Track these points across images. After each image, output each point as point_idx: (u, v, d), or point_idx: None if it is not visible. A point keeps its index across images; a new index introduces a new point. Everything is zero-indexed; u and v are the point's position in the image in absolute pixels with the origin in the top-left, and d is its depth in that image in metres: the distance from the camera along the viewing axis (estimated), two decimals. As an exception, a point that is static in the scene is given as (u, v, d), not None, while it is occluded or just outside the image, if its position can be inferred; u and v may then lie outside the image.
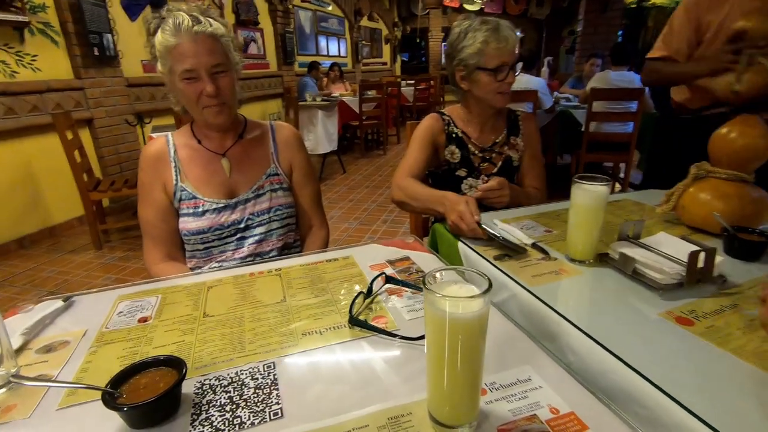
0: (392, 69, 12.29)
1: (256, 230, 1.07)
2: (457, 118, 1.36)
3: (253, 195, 1.08)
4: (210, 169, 1.07)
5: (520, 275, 0.79)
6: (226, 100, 1.00)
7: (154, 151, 1.07)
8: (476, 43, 1.18)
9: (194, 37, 0.93)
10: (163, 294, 0.80)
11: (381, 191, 4.28)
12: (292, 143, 1.16)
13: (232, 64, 1.01)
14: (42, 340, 0.67)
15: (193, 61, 0.94)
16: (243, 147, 1.11)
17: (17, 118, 3.02)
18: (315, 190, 1.21)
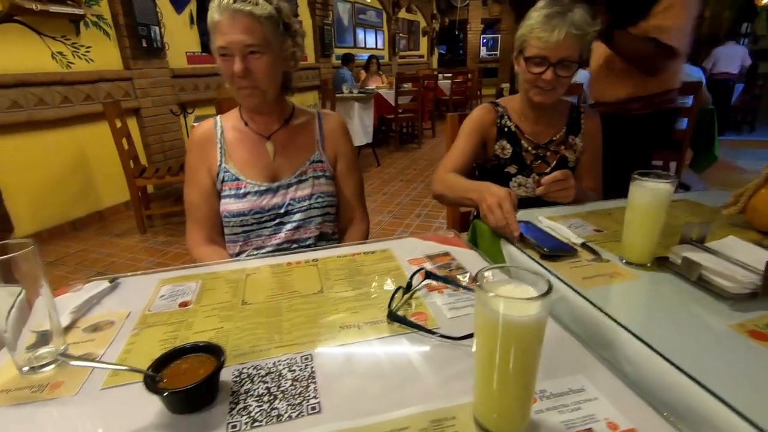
0: (429, 62, 12.13)
1: (295, 216, 1.06)
2: (512, 110, 1.28)
3: (295, 180, 1.07)
4: (255, 151, 1.07)
5: (570, 277, 0.74)
6: (258, 84, 0.97)
7: (202, 133, 1.08)
8: (526, 24, 1.11)
9: (233, 15, 0.91)
10: (204, 280, 0.80)
11: (415, 185, 4.23)
12: (338, 132, 1.15)
13: (273, 47, 0.97)
14: (89, 320, 0.69)
15: (227, 39, 0.92)
16: (289, 132, 1.10)
17: (72, 107, 3.19)
18: (358, 181, 1.19)
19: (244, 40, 0.92)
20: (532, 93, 1.16)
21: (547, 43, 1.07)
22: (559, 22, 1.06)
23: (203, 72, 4.42)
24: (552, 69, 1.09)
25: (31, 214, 3.02)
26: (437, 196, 1.23)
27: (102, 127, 3.21)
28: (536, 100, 1.17)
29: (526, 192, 1.26)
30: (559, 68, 1.09)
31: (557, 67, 1.09)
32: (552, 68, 1.09)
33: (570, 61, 1.09)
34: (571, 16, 1.06)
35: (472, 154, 1.26)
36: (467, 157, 1.25)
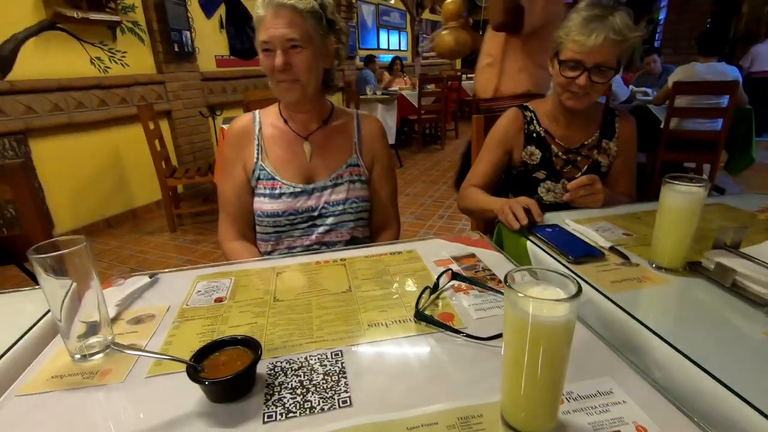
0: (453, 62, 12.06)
1: (328, 219, 1.06)
2: (542, 113, 1.26)
3: (331, 183, 1.07)
4: (291, 151, 1.07)
5: (597, 280, 0.74)
6: (299, 77, 0.97)
7: (239, 127, 1.09)
8: (566, 25, 1.08)
9: (276, 9, 0.93)
10: (237, 276, 0.83)
11: (438, 186, 4.23)
12: (376, 136, 1.14)
13: (315, 42, 0.96)
14: (132, 312, 0.73)
15: (269, 33, 0.93)
16: (326, 133, 1.10)
17: (108, 110, 3.33)
18: (393, 186, 1.18)
19: (285, 34, 0.92)
20: (565, 97, 1.14)
21: (582, 47, 1.04)
22: (597, 26, 1.02)
23: (231, 75, 4.55)
24: (586, 74, 1.06)
25: (70, 211, 3.17)
26: (464, 210, 1.26)
27: (136, 129, 3.35)
28: (568, 104, 1.14)
29: (554, 198, 1.25)
30: (594, 74, 1.06)
31: (592, 73, 1.06)
32: (586, 73, 1.06)
33: (606, 66, 1.06)
34: (612, 20, 1.02)
35: (498, 166, 1.26)
36: (493, 169, 1.26)
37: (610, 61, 1.06)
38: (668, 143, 3.13)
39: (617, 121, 1.25)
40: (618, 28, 1.02)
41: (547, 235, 0.92)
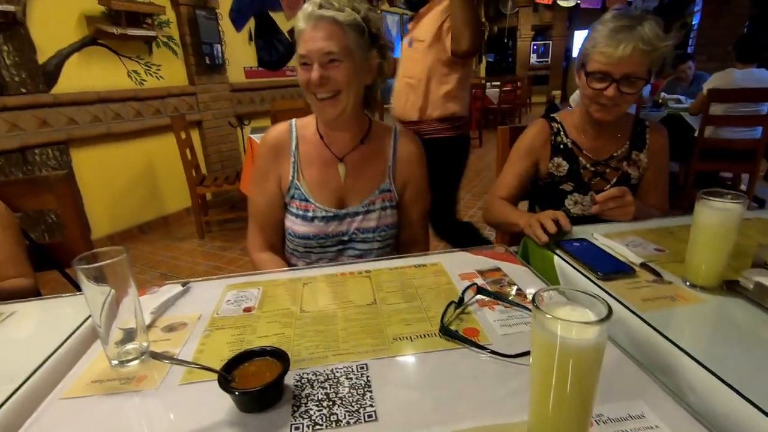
0: (476, 70, 12.02)
1: (357, 245, 1.06)
2: (569, 124, 1.24)
3: (363, 209, 1.05)
4: (326, 172, 1.06)
5: (627, 298, 0.72)
6: (336, 92, 0.94)
7: (275, 138, 1.07)
8: (592, 36, 1.06)
9: (315, 23, 0.90)
10: (264, 287, 0.86)
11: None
12: (413, 161, 1.10)
13: (355, 56, 0.93)
14: (165, 320, 0.76)
15: (307, 47, 0.91)
16: (362, 154, 1.07)
17: (143, 120, 3.48)
18: (425, 207, 1.15)
19: (323, 48, 0.90)
20: (593, 109, 1.12)
21: (610, 59, 1.02)
22: (625, 37, 1.00)
23: (259, 86, 4.67)
24: (615, 85, 1.04)
25: (106, 217, 3.31)
26: (489, 223, 1.24)
27: (168, 138, 3.48)
28: (597, 116, 1.12)
29: (582, 210, 1.23)
30: (623, 84, 1.04)
31: (621, 84, 1.04)
32: (615, 84, 1.04)
33: (636, 77, 1.03)
34: (640, 30, 1.00)
35: (524, 178, 1.25)
36: (519, 181, 1.24)
37: (639, 71, 1.03)
38: (703, 152, 3.02)
39: (648, 132, 1.22)
40: (647, 38, 1.00)
41: (575, 250, 0.90)
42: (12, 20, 2.61)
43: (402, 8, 7.78)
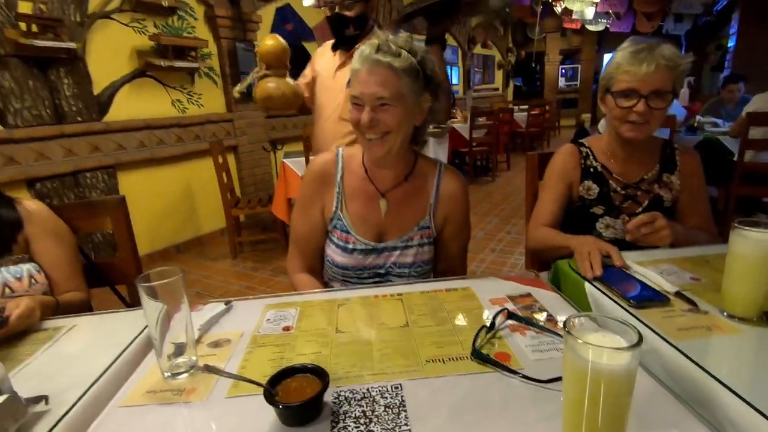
0: (504, 94, 12.08)
1: (393, 279, 1.08)
2: (598, 149, 1.26)
3: (401, 245, 1.07)
4: (368, 205, 1.08)
5: (662, 327, 0.72)
6: (385, 135, 0.95)
7: (322, 166, 1.10)
8: (613, 62, 1.11)
9: (371, 66, 0.92)
10: (302, 307, 0.90)
11: (489, 218, 4.18)
12: (455, 198, 1.10)
13: (407, 101, 0.95)
14: (210, 337, 0.81)
15: (361, 89, 0.93)
16: (405, 190, 1.08)
17: (184, 145, 3.68)
18: (464, 241, 1.16)
19: (376, 93, 0.91)
20: (624, 129, 1.13)
21: (636, 75, 1.05)
22: (647, 56, 1.05)
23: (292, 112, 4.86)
24: (644, 101, 1.06)
25: (147, 237, 3.48)
26: (534, 251, 1.24)
27: (206, 162, 3.66)
28: (628, 136, 1.13)
29: (614, 234, 1.22)
30: (652, 99, 1.06)
31: (649, 99, 1.06)
32: (644, 100, 1.06)
33: (663, 91, 1.06)
34: (659, 50, 1.05)
35: (562, 202, 1.25)
36: (558, 206, 1.24)
37: (666, 86, 1.06)
38: (743, 177, 2.92)
39: (678, 155, 1.23)
40: (668, 55, 1.04)
41: (607, 277, 0.90)
42: (73, 56, 2.86)
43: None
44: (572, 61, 12.34)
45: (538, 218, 1.25)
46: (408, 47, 0.95)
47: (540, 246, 1.22)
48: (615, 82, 1.10)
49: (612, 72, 1.11)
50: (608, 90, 1.13)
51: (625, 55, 1.08)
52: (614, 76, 1.10)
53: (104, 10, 3.06)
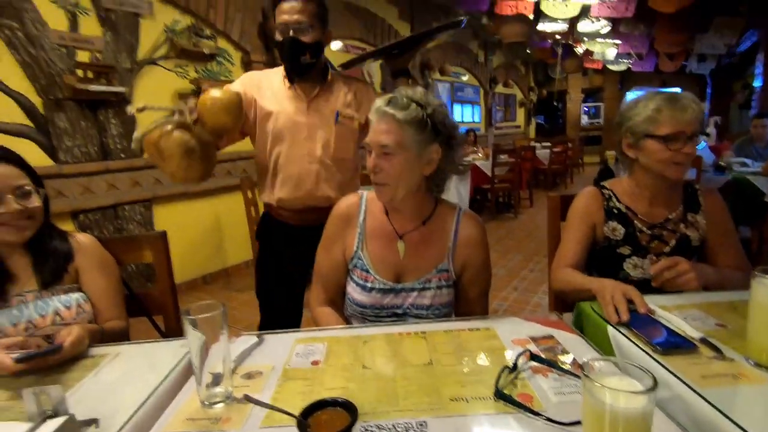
0: (526, 132, 12.19)
1: (410, 321, 1.10)
2: (621, 192, 1.28)
3: (419, 286, 1.10)
4: (387, 247, 1.12)
5: (686, 374, 0.72)
6: (387, 182, 1.02)
7: (345, 211, 1.16)
8: (647, 110, 1.15)
9: (380, 117, 1.01)
10: (329, 342, 0.93)
11: (511, 256, 4.15)
12: (474, 243, 1.12)
13: (410, 150, 1.00)
14: (244, 368, 0.85)
15: (369, 137, 1.02)
16: (422, 234, 1.11)
17: (215, 181, 3.86)
18: (484, 286, 1.17)
19: (380, 141, 1.00)
20: (671, 171, 1.16)
21: (681, 119, 1.12)
22: (682, 101, 1.13)
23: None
24: (689, 142, 1.13)
25: (177, 268, 3.56)
26: (557, 292, 1.25)
27: (235, 197, 3.82)
28: (675, 176, 1.17)
29: (642, 273, 1.23)
30: (691, 142, 1.14)
31: (690, 139, 1.13)
32: (690, 141, 1.13)
33: (698, 132, 1.15)
34: (689, 96, 1.14)
35: (585, 243, 1.25)
36: (581, 247, 1.25)
37: (699, 128, 1.15)
38: (776, 218, 2.84)
39: (700, 195, 1.25)
40: (695, 100, 1.14)
41: (631, 321, 0.91)
42: (121, 99, 3.10)
43: (452, 76, 8.23)
44: (594, 99, 12.43)
45: (561, 259, 1.26)
46: (420, 100, 1.01)
47: (563, 287, 1.22)
48: (659, 127, 1.14)
49: (654, 116, 1.14)
50: (648, 135, 1.15)
51: (659, 102, 1.14)
52: (657, 120, 1.14)
53: (152, 57, 3.34)
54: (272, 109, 1.45)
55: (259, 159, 1.56)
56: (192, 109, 1.14)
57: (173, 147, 1.10)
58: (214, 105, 1.16)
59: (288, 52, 1.37)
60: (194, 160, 1.12)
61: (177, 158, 1.10)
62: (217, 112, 1.16)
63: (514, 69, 11.03)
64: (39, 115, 2.73)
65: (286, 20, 1.34)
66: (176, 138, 1.09)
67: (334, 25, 5.02)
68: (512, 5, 5.23)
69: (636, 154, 1.21)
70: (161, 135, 1.09)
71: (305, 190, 1.47)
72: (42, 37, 2.67)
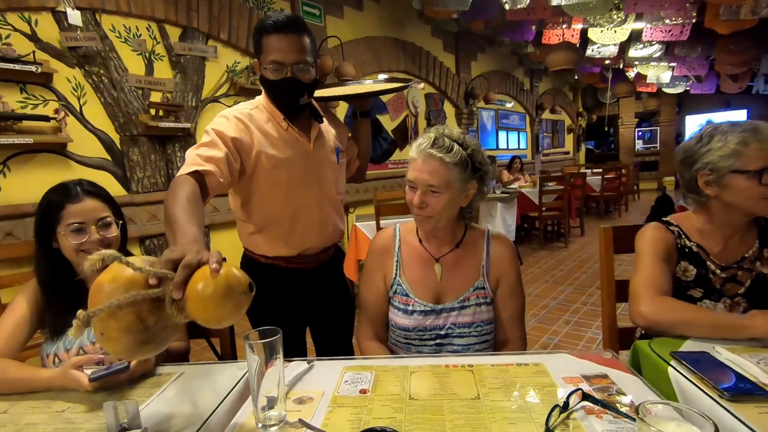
0: (575, 158, 11.83)
1: (454, 341, 1.14)
2: (690, 229, 1.20)
3: (458, 305, 1.15)
4: (425, 270, 1.19)
5: (759, 425, 0.67)
6: (432, 215, 1.10)
7: (382, 243, 1.25)
8: (729, 144, 1.07)
9: (425, 158, 1.07)
10: (376, 371, 0.95)
11: (562, 287, 3.98)
12: (505, 259, 1.19)
13: (454, 188, 1.08)
14: (295, 393, 0.89)
15: (415, 175, 1.09)
16: (456, 256, 1.20)
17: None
18: (519, 305, 1.20)
19: (427, 180, 1.06)
20: (762, 208, 1.07)
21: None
22: (766, 129, 1.06)
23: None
24: None
25: (229, 291, 3.77)
26: (651, 324, 1.04)
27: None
28: (766, 213, 1.10)
29: None
30: None
31: None
32: None
33: None
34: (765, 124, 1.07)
35: (670, 274, 1.14)
36: (669, 275, 1.13)
37: None
38: None
39: None
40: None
41: (693, 363, 0.86)
42: (186, 133, 3.39)
43: (497, 104, 8.24)
44: (649, 123, 11.90)
45: (652, 287, 1.08)
46: (460, 141, 1.09)
47: (672, 318, 1.02)
48: (748, 162, 1.06)
49: (739, 150, 1.07)
50: (736, 171, 1.07)
51: (747, 135, 1.06)
52: (743, 155, 1.06)
53: (214, 96, 3.64)
54: (282, 156, 1.26)
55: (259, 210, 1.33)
56: (179, 285, 0.65)
57: (122, 332, 0.64)
58: (208, 300, 0.65)
59: (288, 94, 1.23)
60: (145, 351, 0.68)
61: (124, 342, 0.65)
62: (209, 306, 0.65)
63: (562, 95, 10.86)
64: (117, 150, 3.03)
65: (281, 60, 1.17)
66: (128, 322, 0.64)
67: (382, 58, 5.28)
68: (558, 34, 5.22)
69: (717, 191, 1.11)
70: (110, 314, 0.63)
71: (327, 233, 1.41)
72: (123, 81, 3.00)
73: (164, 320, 0.66)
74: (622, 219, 7.77)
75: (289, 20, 1.18)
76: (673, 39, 5.06)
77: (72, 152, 2.79)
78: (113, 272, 0.65)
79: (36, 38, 2.63)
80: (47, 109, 2.65)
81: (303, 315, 1.45)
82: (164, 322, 0.66)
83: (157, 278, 0.64)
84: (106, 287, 0.64)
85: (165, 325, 0.67)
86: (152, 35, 3.21)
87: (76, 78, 2.81)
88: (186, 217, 0.91)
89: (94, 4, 2.84)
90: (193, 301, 0.64)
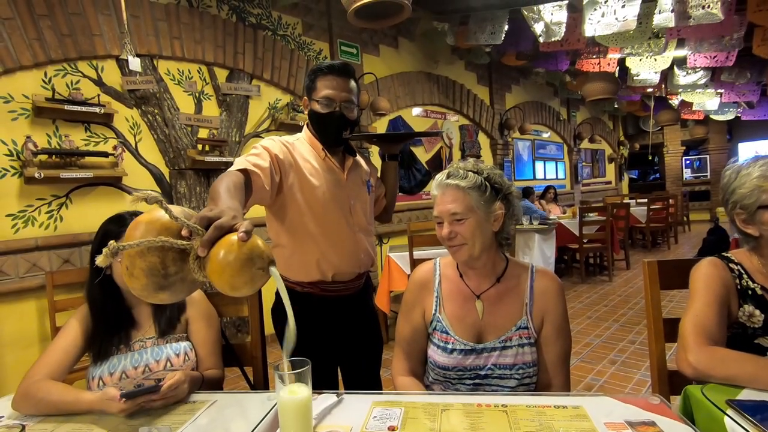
0: (618, 188, 11.40)
1: (494, 381, 1.09)
2: (752, 269, 1.10)
3: (500, 345, 1.10)
4: (465, 307, 1.15)
5: (832, 486, 0.60)
6: (463, 241, 1.09)
7: (421, 277, 1.23)
8: (750, 180, 1.03)
9: (444, 190, 1.10)
10: (406, 408, 0.93)
11: (607, 324, 3.76)
12: (550, 295, 1.13)
13: (477, 212, 1.08)
14: (324, 427, 0.88)
15: (439, 209, 1.11)
16: (498, 291, 1.14)
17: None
18: (564, 347, 1.13)
19: (450, 209, 1.08)
20: None
21: None
22: None
23: (398, 208, 5.22)
24: None
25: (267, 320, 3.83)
26: (704, 377, 0.95)
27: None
28: None
29: None
30: None
31: None
32: None
33: None
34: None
35: (724, 316, 1.05)
36: (722, 320, 1.04)
37: None
38: None
39: None
40: None
41: (752, 413, 0.78)
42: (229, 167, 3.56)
43: (533, 134, 8.16)
44: (698, 152, 11.36)
45: (706, 332, 1.00)
46: (474, 169, 1.12)
47: (726, 376, 0.93)
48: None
49: (761, 185, 1.02)
50: (763, 207, 1.02)
51: (765, 169, 1.02)
52: (766, 190, 1.01)
53: (256, 131, 3.84)
54: (317, 182, 1.36)
55: (293, 231, 1.40)
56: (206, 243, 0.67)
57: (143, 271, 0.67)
58: (227, 266, 0.66)
59: (334, 126, 1.37)
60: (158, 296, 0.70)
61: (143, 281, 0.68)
62: (226, 271, 0.67)
63: (601, 123, 10.62)
64: (166, 183, 3.23)
65: (332, 96, 1.34)
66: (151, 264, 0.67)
67: (416, 93, 5.42)
68: (594, 63, 5.17)
69: (757, 230, 1.05)
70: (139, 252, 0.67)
71: (359, 258, 1.45)
72: (174, 119, 3.23)
73: (184, 273, 0.69)
74: (672, 252, 7.33)
75: (344, 65, 1.38)
76: (719, 65, 4.88)
77: (126, 185, 3.00)
78: (152, 214, 0.69)
79: (101, 83, 2.90)
80: (107, 146, 2.89)
81: (335, 346, 1.46)
82: (183, 274, 0.69)
83: (189, 231, 0.67)
84: (142, 226, 0.68)
85: (183, 278, 0.69)
86: (202, 77, 3.46)
87: (133, 117, 3.06)
88: (228, 195, 0.96)
89: (152, 51, 3.12)
90: (214, 262, 0.66)
